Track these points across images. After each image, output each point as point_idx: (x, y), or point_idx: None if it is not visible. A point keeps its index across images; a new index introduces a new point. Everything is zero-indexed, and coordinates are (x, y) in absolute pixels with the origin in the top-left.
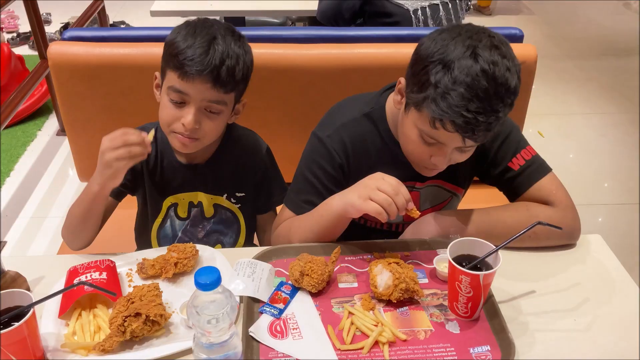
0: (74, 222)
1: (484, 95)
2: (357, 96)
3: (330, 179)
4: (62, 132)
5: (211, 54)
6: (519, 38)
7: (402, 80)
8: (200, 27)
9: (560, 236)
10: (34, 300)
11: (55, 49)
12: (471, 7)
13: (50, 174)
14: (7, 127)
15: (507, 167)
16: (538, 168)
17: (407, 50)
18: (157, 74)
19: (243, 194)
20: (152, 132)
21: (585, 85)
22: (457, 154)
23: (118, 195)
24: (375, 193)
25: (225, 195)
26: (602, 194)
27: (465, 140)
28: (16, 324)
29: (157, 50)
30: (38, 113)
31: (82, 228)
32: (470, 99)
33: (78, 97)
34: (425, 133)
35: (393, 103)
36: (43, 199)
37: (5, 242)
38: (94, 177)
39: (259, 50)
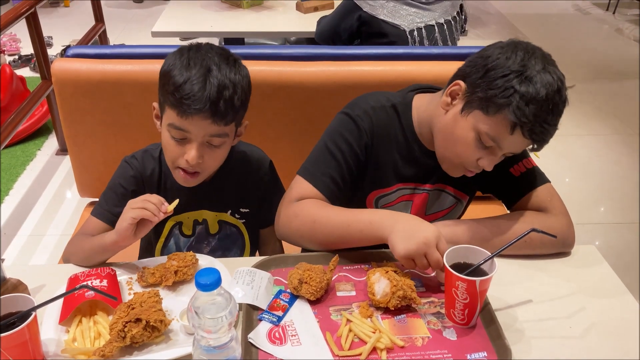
0: (81, 256)
1: (556, 110)
2: (383, 91)
3: (354, 156)
4: (61, 151)
5: (208, 88)
6: None
7: (462, 83)
8: (194, 57)
9: (554, 243)
10: (35, 305)
11: (59, 66)
12: (466, 29)
13: (49, 192)
14: (7, 146)
15: (508, 173)
16: (537, 177)
17: (402, 68)
18: (155, 104)
19: (247, 210)
20: (175, 203)
21: (579, 107)
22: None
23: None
24: (420, 258)
25: (230, 211)
26: (598, 213)
27: (524, 147)
28: (18, 327)
29: (158, 67)
30: (38, 133)
31: (89, 263)
32: (548, 112)
33: (80, 112)
34: (489, 136)
35: (440, 104)
36: (41, 217)
37: (4, 260)
38: (114, 230)
39: (258, 68)
